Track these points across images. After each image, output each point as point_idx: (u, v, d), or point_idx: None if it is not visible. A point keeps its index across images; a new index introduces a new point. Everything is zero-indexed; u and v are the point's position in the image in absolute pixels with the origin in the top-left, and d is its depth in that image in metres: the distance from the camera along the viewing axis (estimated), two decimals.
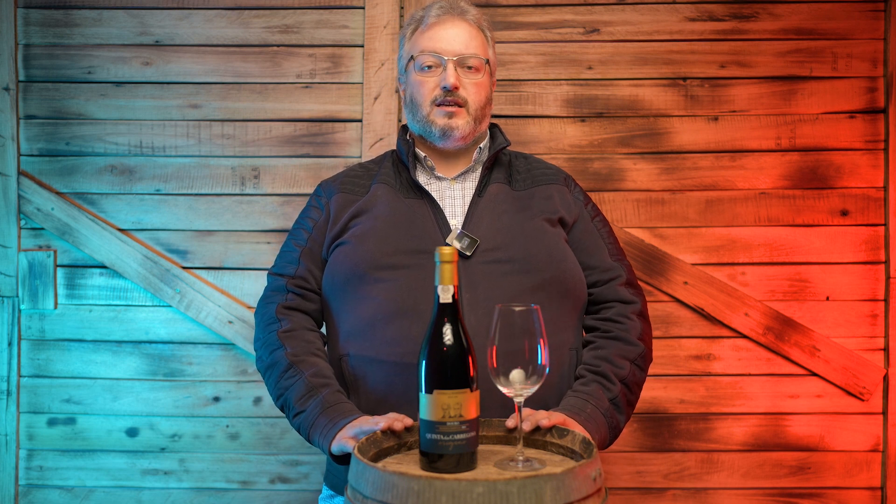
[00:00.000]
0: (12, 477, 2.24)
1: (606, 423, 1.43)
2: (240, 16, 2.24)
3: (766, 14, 2.20)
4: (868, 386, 2.18)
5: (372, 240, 1.52)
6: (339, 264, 1.54)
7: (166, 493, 2.25)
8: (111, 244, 2.22)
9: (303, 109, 2.25)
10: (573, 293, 1.53)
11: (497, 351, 1.17)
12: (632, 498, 2.22)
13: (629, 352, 1.52)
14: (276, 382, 1.49)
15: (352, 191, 1.62)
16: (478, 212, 1.55)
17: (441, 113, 1.57)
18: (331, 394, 1.43)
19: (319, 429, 1.39)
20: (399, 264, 1.49)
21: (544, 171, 1.67)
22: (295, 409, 1.44)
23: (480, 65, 1.59)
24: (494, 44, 1.67)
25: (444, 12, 1.60)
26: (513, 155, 1.70)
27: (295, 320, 1.55)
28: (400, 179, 1.62)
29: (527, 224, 1.54)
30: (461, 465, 1.14)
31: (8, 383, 2.24)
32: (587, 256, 1.60)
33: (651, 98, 2.22)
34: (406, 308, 1.46)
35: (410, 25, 1.64)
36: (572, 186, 1.68)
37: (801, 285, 2.20)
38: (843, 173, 2.20)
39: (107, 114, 2.25)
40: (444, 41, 1.57)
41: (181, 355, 2.24)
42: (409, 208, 1.56)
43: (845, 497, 2.20)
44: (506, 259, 1.49)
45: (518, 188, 1.60)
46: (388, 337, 1.46)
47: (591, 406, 1.42)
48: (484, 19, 1.64)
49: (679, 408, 2.21)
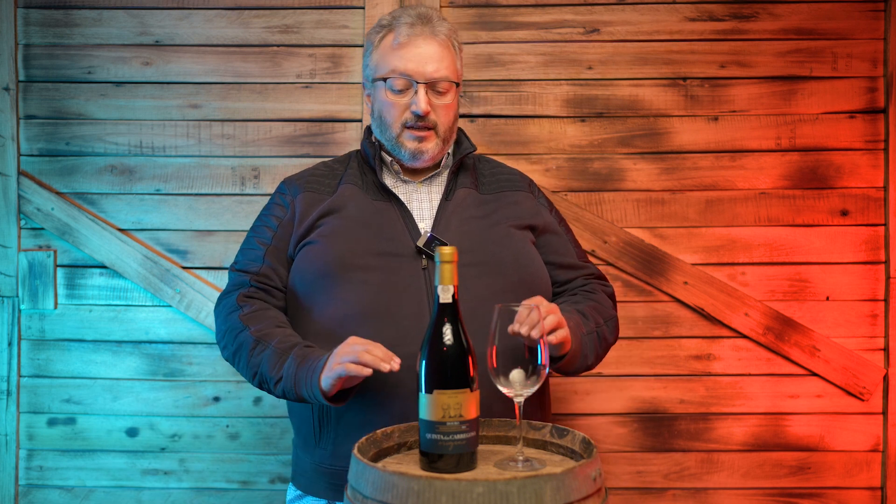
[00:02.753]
0: (12, 477, 2.24)
1: (580, 339, 1.49)
2: (240, 16, 2.24)
3: (766, 14, 2.20)
4: (868, 386, 2.18)
5: (342, 240, 1.52)
6: (308, 263, 1.54)
7: (166, 493, 2.25)
8: (111, 244, 2.22)
9: (303, 109, 2.25)
10: (541, 294, 1.55)
11: (497, 351, 1.17)
12: (632, 498, 2.22)
13: (604, 312, 1.61)
14: (248, 361, 1.48)
15: (317, 190, 1.62)
16: (446, 216, 1.57)
17: (411, 137, 1.58)
18: (300, 349, 1.43)
19: (303, 380, 1.38)
20: (369, 266, 1.50)
21: (508, 176, 1.70)
22: (273, 379, 1.44)
23: (450, 87, 1.59)
24: (462, 53, 1.66)
25: (416, 29, 1.57)
26: (476, 158, 1.73)
27: (257, 304, 1.55)
28: (366, 181, 1.62)
29: (494, 228, 1.57)
30: (461, 465, 1.14)
31: (8, 383, 2.24)
32: (558, 257, 1.65)
33: (651, 98, 2.22)
34: (377, 310, 1.46)
35: (379, 32, 1.61)
36: (537, 193, 1.72)
37: (801, 285, 2.20)
38: (843, 173, 2.20)
39: (107, 114, 2.25)
40: (414, 62, 1.55)
41: (181, 355, 2.24)
42: (378, 210, 1.56)
43: (845, 497, 2.20)
44: (474, 262, 1.51)
45: (484, 192, 1.63)
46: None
47: (573, 322, 1.47)
48: (453, 34, 1.63)
49: (679, 408, 2.21)
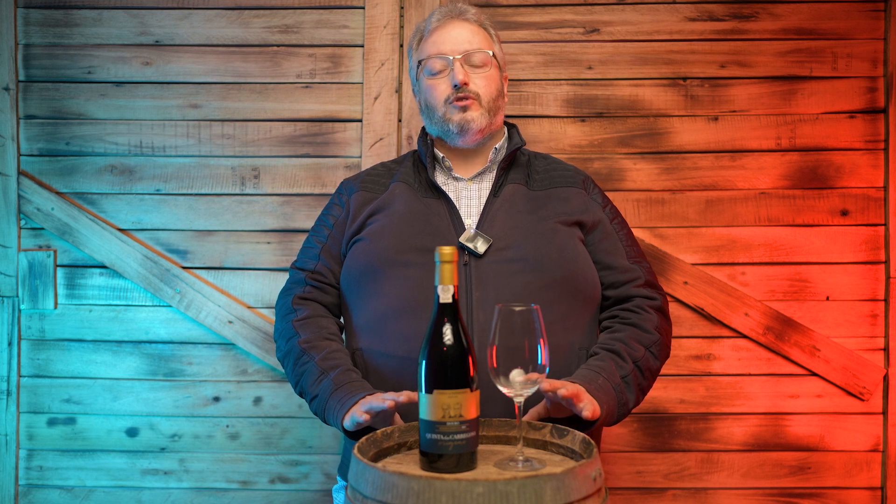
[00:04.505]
0: (12, 477, 2.24)
1: (616, 397, 1.43)
2: (240, 16, 2.24)
3: (766, 14, 2.20)
4: (868, 386, 2.17)
5: (388, 236, 1.55)
6: (355, 260, 1.58)
7: (166, 493, 2.25)
8: (111, 244, 2.22)
9: (303, 109, 2.25)
10: (584, 293, 1.54)
11: (497, 351, 1.17)
12: (632, 498, 2.22)
13: (644, 338, 1.53)
14: (293, 370, 1.54)
15: (371, 189, 1.66)
16: (492, 212, 1.57)
17: (455, 108, 1.60)
18: (340, 374, 1.46)
19: (332, 409, 1.42)
20: (412, 261, 1.52)
21: (563, 172, 1.68)
22: (310, 395, 1.49)
23: (486, 58, 1.63)
24: (500, 40, 1.71)
25: (444, 17, 1.65)
26: (531, 155, 1.72)
27: (310, 308, 1.60)
28: (419, 179, 1.65)
29: (540, 224, 1.56)
30: (461, 465, 1.14)
31: (8, 383, 2.24)
32: (606, 257, 1.61)
33: (651, 98, 2.22)
34: (416, 304, 1.48)
35: (415, 37, 1.70)
36: (591, 188, 1.69)
37: (801, 285, 2.20)
38: (843, 173, 2.20)
39: (107, 114, 2.25)
40: (447, 43, 1.62)
41: (181, 355, 2.24)
42: (426, 207, 1.59)
43: (845, 497, 2.20)
44: (516, 258, 1.51)
45: (535, 188, 1.63)
46: (397, 332, 1.49)
47: (602, 378, 1.42)
48: (485, 17, 1.69)
49: (679, 408, 2.21)
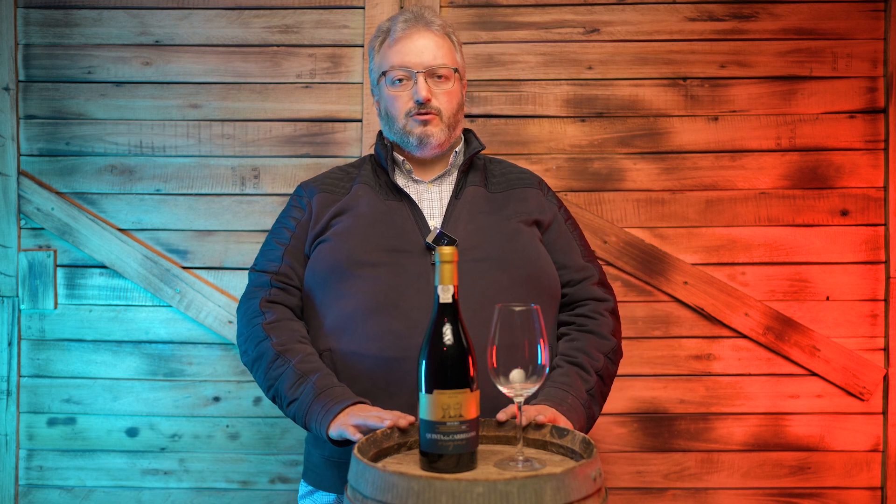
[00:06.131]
0: (12, 477, 2.24)
1: (584, 413, 1.48)
2: (240, 16, 2.24)
3: (766, 14, 2.20)
4: (868, 386, 2.17)
5: (353, 237, 1.56)
6: (320, 260, 1.57)
7: (166, 493, 2.25)
8: (111, 244, 2.22)
9: (303, 109, 2.25)
10: (548, 290, 1.58)
11: (497, 351, 1.17)
12: (632, 498, 2.22)
13: (603, 345, 1.58)
14: (265, 373, 1.51)
15: (332, 191, 1.66)
16: (455, 213, 1.59)
17: (417, 122, 1.61)
18: (321, 378, 1.45)
19: (315, 415, 1.41)
20: (379, 261, 1.52)
21: (519, 175, 1.72)
22: (287, 398, 1.46)
23: (450, 73, 1.62)
24: (461, 45, 1.70)
25: (410, 24, 1.62)
26: (487, 159, 1.75)
27: (278, 312, 1.57)
28: (379, 182, 1.66)
29: (502, 224, 1.59)
30: (461, 465, 1.14)
31: (8, 383, 2.24)
32: (561, 256, 1.65)
33: (651, 98, 2.22)
34: (387, 304, 1.49)
35: (378, 38, 1.67)
36: (546, 190, 1.73)
37: (801, 285, 2.20)
38: (843, 173, 2.20)
39: (107, 114, 2.25)
40: (412, 54, 1.60)
41: (181, 355, 2.24)
42: (390, 209, 1.60)
43: (845, 497, 2.20)
44: (482, 258, 1.53)
45: (494, 190, 1.66)
46: (369, 332, 1.49)
47: (571, 397, 1.47)
48: (449, 27, 1.67)
49: (679, 408, 2.21)
